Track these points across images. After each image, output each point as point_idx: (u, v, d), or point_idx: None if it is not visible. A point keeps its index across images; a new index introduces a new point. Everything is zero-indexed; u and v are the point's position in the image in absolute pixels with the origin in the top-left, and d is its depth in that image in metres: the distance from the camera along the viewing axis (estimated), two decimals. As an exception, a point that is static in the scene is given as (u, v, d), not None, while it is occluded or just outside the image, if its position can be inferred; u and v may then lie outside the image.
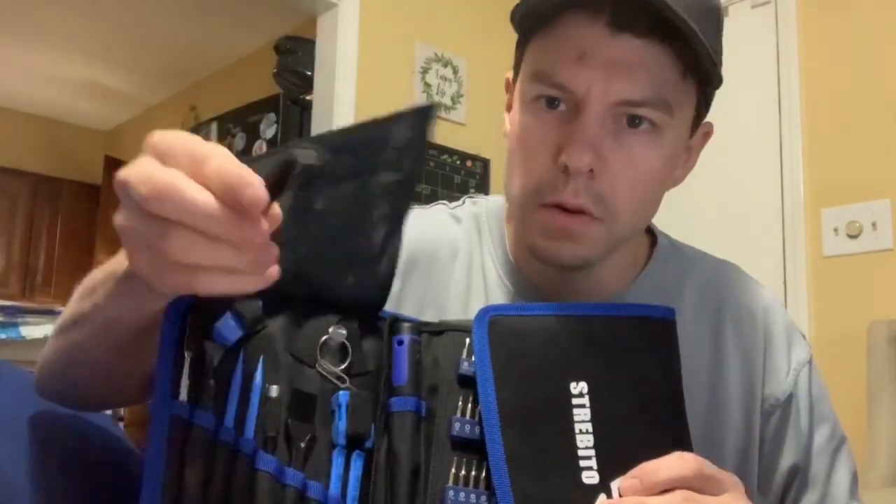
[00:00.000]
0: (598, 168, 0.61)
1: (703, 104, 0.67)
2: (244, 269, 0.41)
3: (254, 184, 0.39)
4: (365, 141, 0.53)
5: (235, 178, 0.39)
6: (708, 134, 0.72)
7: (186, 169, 0.40)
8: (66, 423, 0.65)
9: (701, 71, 0.62)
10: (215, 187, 0.39)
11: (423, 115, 0.54)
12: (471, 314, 0.60)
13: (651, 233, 0.78)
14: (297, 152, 0.48)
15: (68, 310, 0.60)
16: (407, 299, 0.72)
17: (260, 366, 0.52)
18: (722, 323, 0.73)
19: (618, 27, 0.59)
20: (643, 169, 0.63)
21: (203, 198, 0.39)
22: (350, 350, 0.56)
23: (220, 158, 0.40)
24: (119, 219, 0.42)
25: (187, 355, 0.49)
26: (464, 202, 0.82)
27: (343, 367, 0.55)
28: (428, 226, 0.77)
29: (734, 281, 0.76)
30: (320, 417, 0.53)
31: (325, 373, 0.54)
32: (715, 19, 0.63)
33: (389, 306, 0.68)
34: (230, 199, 0.39)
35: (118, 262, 0.52)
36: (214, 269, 0.41)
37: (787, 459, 0.72)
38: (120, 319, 0.53)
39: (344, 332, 0.55)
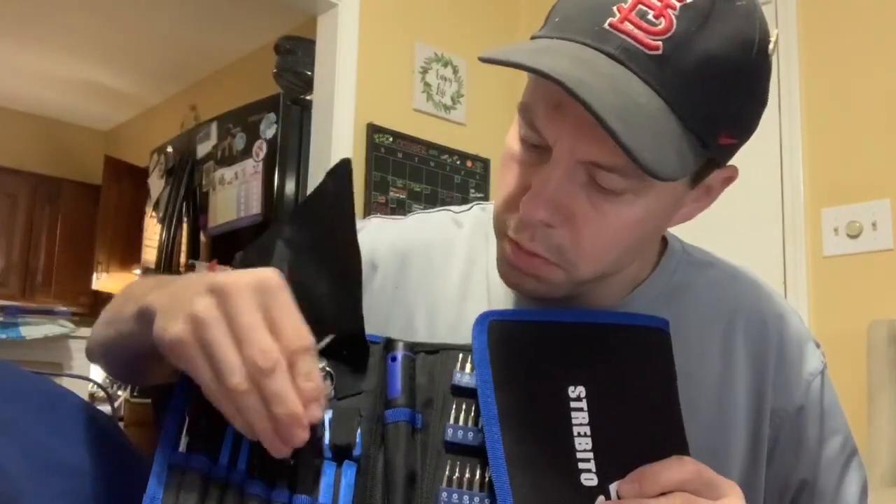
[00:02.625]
0: (556, 221, 0.58)
1: (716, 153, 0.61)
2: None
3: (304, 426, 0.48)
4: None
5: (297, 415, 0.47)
6: (729, 179, 0.66)
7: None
8: (67, 424, 0.65)
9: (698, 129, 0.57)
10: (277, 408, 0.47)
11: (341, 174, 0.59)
12: (466, 318, 0.61)
13: (663, 238, 0.75)
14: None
15: (113, 302, 0.67)
16: (401, 301, 0.72)
17: None
18: (733, 330, 0.71)
19: None
20: (613, 227, 0.59)
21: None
22: (333, 375, 0.57)
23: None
24: (184, 335, 0.47)
25: (187, 417, 0.52)
26: (471, 208, 0.80)
27: (328, 391, 0.56)
28: (425, 229, 0.77)
29: (747, 288, 0.74)
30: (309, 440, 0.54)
31: None
32: (721, 78, 0.55)
33: (386, 307, 0.67)
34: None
35: (140, 292, 0.58)
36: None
37: (795, 472, 0.70)
38: (129, 344, 0.59)
39: (324, 361, 0.56)
